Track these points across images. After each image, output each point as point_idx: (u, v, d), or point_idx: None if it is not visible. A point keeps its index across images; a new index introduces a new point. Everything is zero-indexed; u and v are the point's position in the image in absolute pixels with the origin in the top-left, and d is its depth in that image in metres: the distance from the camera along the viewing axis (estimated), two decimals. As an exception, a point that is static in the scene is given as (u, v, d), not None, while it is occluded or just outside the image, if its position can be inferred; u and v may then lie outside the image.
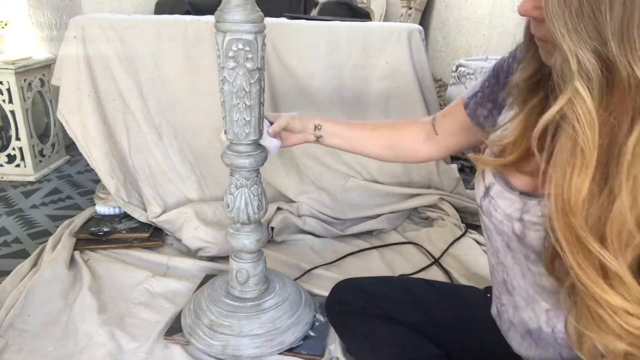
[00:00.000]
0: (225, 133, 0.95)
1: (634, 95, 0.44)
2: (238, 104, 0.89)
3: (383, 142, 0.97)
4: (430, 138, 0.93)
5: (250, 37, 0.85)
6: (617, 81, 0.44)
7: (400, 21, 2.87)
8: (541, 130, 0.52)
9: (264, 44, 0.88)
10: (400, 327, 0.93)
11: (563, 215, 0.50)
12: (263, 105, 0.93)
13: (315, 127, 0.97)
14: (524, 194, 0.65)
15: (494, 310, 0.85)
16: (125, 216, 1.53)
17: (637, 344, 0.48)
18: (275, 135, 0.97)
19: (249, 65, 0.86)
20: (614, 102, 0.45)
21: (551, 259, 0.56)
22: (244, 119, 0.90)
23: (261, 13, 0.86)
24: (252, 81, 0.88)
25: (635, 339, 0.48)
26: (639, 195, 0.46)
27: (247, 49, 0.85)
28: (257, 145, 0.96)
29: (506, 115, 0.70)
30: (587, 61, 0.44)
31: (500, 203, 0.68)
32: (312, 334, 1.09)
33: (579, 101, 0.46)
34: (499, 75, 0.78)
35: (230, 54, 0.85)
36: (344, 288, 1.05)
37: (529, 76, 0.62)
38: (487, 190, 0.70)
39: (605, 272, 0.48)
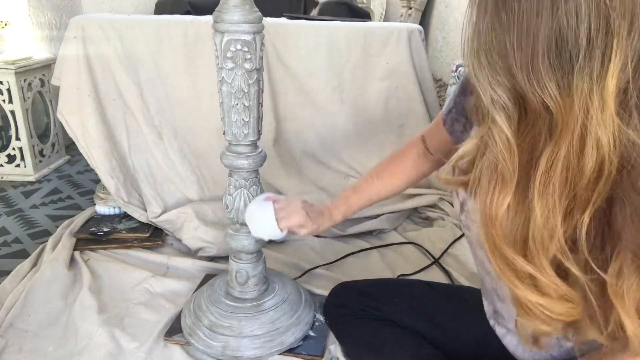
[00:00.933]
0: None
1: (545, 118, 0.48)
2: (236, 104, 0.89)
3: (395, 185, 0.96)
4: (427, 157, 0.93)
5: (248, 37, 0.85)
6: (530, 109, 0.48)
7: (400, 21, 2.86)
8: (459, 156, 0.58)
9: (262, 45, 0.88)
10: (398, 329, 0.93)
11: (486, 228, 0.55)
12: (262, 106, 0.93)
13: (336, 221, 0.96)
14: None
15: (489, 316, 0.85)
16: (125, 216, 1.53)
17: (557, 326, 0.56)
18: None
19: (247, 66, 0.86)
20: (529, 126, 0.49)
21: None
22: (243, 119, 0.90)
23: (259, 13, 0.86)
24: (250, 82, 0.88)
25: (555, 322, 0.55)
26: (550, 205, 0.50)
27: (246, 49, 0.85)
28: (256, 146, 0.96)
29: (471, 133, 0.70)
30: (499, 97, 0.49)
31: (476, 217, 0.68)
32: (312, 334, 1.09)
33: (497, 130, 0.50)
34: (467, 90, 0.76)
35: (229, 54, 0.85)
36: (341, 291, 1.05)
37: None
38: (462, 205, 0.72)
39: (522, 275, 0.54)
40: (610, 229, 0.51)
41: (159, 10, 2.41)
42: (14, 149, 1.99)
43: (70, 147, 2.28)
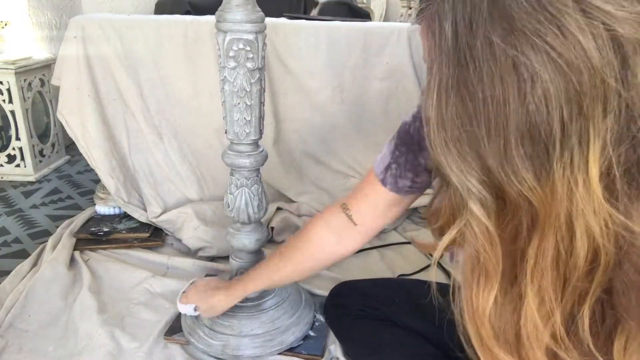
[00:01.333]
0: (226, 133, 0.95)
1: (526, 208, 0.44)
2: (238, 103, 0.89)
3: (300, 273, 0.93)
4: (349, 229, 0.81)
5: (251, 37, 0.85)
6: (508, 200, 0.44)
7: (400, 21, 2.87)
8: (443, 250, 0.53)
9: (264, 44, 0.88)
10: (398, 329, 0.93)
11: (474, 326, 0.51)
12: (263, 105, 0.93)
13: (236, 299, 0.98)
14: None
15: None
16: (125, 216, 1.53)
17: None
18: None
19: (249, 65, 0.86)
20: (509, 216, 0.46)
21: None
22: (245, 118, 0.90)
23: (262, 13, 0.86)
24: (252, 81, 0.88)
25: None
26: (545, 296, 0.46)
27: (248, 48, 0.85)
28: (258, 145, 0.96)
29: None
30: (475, 189, 0.45)
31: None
32: (312, 334, 1.09)
33: (476, 222, 0.46)
34: (407, 142, 0.72)
35: (231, 53, 0.85)
36: (341, 291, 1.05)
37: None
38: (453, 255, 0.68)
39: None
40: (611, 315, 0.48)
41: (159, 10, 2.40)
42: (14, 149, 1.99)
43: (70, 147, 2.28)
